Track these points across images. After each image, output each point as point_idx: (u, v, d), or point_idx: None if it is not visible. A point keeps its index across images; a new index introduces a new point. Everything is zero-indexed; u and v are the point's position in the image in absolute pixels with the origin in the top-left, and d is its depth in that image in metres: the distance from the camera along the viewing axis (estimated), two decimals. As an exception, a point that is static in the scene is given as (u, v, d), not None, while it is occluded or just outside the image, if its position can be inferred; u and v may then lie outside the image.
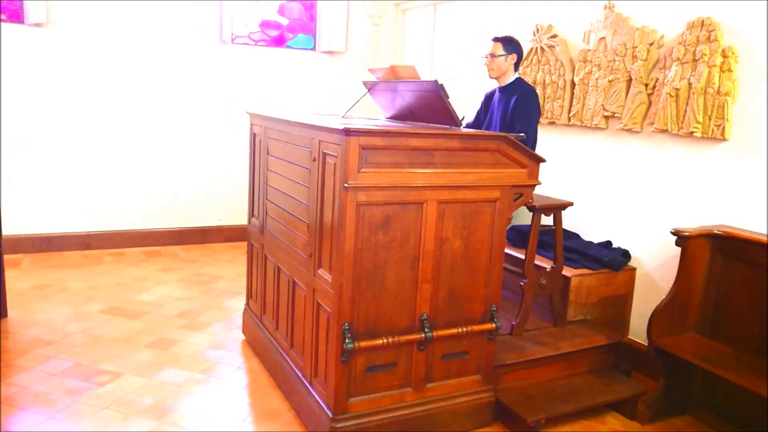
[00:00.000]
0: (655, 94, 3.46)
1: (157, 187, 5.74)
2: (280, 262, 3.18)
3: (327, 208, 2.56)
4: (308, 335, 2.81)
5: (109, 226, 5.60)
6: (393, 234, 2.50)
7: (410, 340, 2.62)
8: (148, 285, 4.71)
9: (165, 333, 3.83)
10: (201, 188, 5.92)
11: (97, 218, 5.54)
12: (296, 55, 6.27)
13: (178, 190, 5.83)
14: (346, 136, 2.33)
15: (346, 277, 2.45)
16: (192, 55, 5.70)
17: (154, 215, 5.77)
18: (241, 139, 5.75)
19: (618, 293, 3.60)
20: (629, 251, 3.66)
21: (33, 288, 4.51)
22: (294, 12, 6.27)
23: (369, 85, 3.41)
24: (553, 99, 4.15)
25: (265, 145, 3.38)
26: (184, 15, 5.60)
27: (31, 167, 5.24)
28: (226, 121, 5.88)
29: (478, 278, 2.75)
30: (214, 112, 5.87)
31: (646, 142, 3.57)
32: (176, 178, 5.81)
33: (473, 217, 2.67)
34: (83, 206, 5.47)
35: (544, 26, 4.21)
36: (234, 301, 4.43)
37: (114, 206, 5.59)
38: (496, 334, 2.87)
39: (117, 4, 5.32)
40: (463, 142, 2.58)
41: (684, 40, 3.25)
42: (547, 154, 3.50)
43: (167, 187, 5.78)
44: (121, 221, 5.64)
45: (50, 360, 3.38)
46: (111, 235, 5.60)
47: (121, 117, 5.50)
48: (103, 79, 5.38)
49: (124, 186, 5.60)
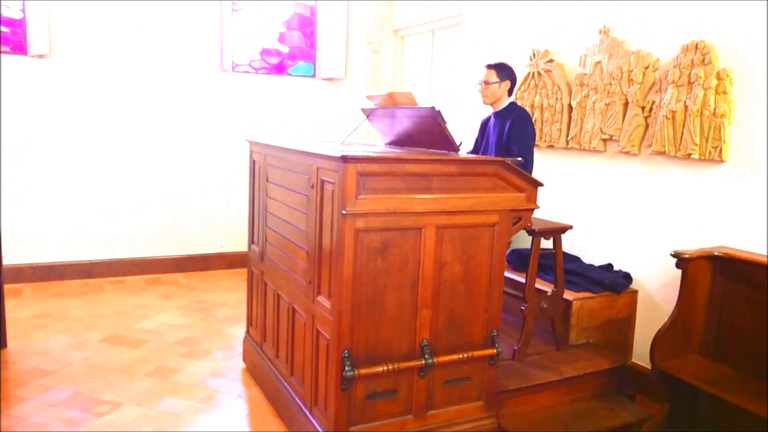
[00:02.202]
0: (652, 117, 3.48)
1: (158, 214, 5.76)
2: (280, 288, 3.17)
3: (325, 235, 2.56)
4: (308, 362, 2.79)
5: (110, 254, 5.61)
6: (392, 259, 2.50)
7: (411, 366, 2.60)
8: (148, 313, 4.70)
9: (165, 361, 3.81)
10: (202, 215, 5.94)
11: (98, 246, 5.55)
12: (296, 82, 6.33)
13: (179, 217, 5.85)
14: (344, 163, 2.34)
15: (345, 304, 2.44)
16: (193, 84, 5.76)
17: (155, 242, 5.77)
18: (242, 166, 5.78)
19: (620, 316, 3.57)
20: (630, 274, 3.65)
21: (33, 317, 4.49)
22: (294, 40, 6.35)
23: (367, 112, 3.44)
24: (551, 122, 4.18)
25: (264, 173, 3.40)
26: (185, 44, 5.68)
27: (32, 196, 5.27)
28: (226, 148, 5.92)
29: (478, 303, 2.73)
30: (214, 139, 5.91)
31: (644, 165, 3.58)
32: (177, 205, 5.83)
33: (472, 242, 2.66)
34: (84, 234, 5.48)
35: (540, 51, 4.26)
36: (235, 329, 4.41)
37: (115, 234, 5.60)
38: (497, 359, 2.84)
39: (119, 35, 5.40)
40: (460, 167, 2.59)
41: (679, 63, 3.28)
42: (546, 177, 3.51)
43: (168, 214, 5.80)
44: (122, 249, 5.65)
45: (49, 390, 3.36)
46: (112, 263, 5.60)
47: (123, 145, 5.54)
48: (105, 108, 5.44)
49: (125, 214, 5.61)
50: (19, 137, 5.18)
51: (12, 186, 5.18)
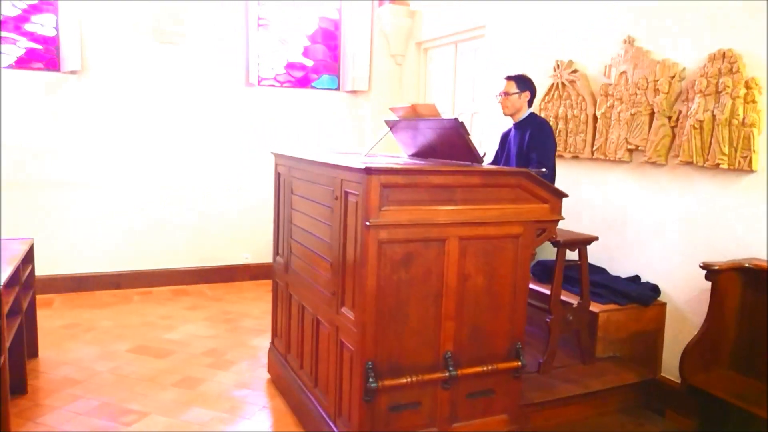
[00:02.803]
0: (679, 127, 3.44)
1: (185, 226, 5.84)
2: (304, 300, 3.19)
3: (349, 246, 2.58)
4: (332, 374, 2.80)
5: (137, 265, 5.70)
6: (415, 271, 2.50)
7: (434, 378, 2.59)
8: (174, 323, 4.76)
9: (191, 372, 3.85)
10: (228, 227, 6.01)
11: (127, 258, 5.65)
12: (321, 95, 6.40)
13: (205, 229, 5.93)
14: (367, 175, 2.35)
15: (368, 315, 2.45)
16: (219, 98, 5.86)
17: (181, 254, 5.86)
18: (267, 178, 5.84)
19: (648, 329, 3.52)
20: (658, 286, 3.59)
21: (63, 327, 4.59)
22: (318, 53, 6.42)
23: (391, 124, 3.46)
24: (576, 133, 4.15)
25: (289, 185, 3.44)
26: (212, 59, 5.78)
27: (64, 209, 5.39)
28: (251, 161, 5.99)
29: (502, 315, 2.72)
30: (240, 152, 5.99)
31: (671, 175, 3.54)
32: (203, 217, 5.91)
33: (496, 253, 2.65)
34: (113, 247, 5.59)
35: (564, 61, 4.25)
36: (259, 340, 4.44)
37: (143, 246, 5.69)
38: (522, 372, 2.82)
39: (148, 51, 5.52)
40: (484, 178, 2.59)
41: (706, 72, 3.24)
42: (571, 188, 3.49)
43: (194, 227, 5.88)
44: (150, 261, 5.74)
45: (78, 399, 3.42)
46: (139, 274, 5.69)
47: (151, 159, 5.65)
48: (133, 121, 5.56)
49: (152, 226, 5.71)
50: (52, 151, 5.31)
51: (44, 199, 5.31)
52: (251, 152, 6.00)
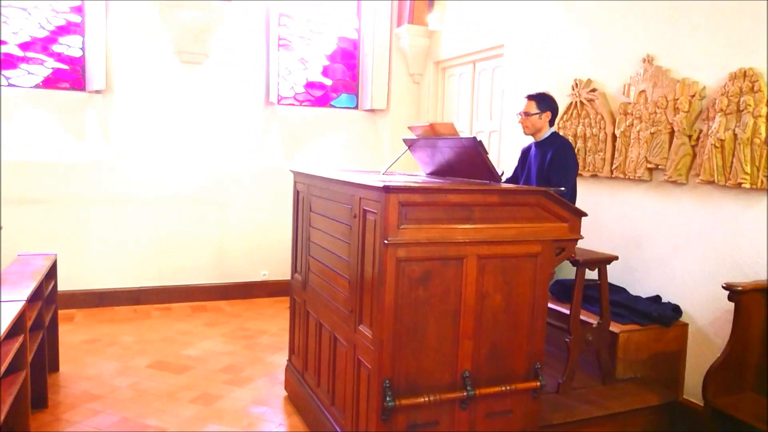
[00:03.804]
0: (700, 146, 3.41)
1: (204, 243, 5.90)
2: (322, 317, 3.20)
3: (367, 264, 2.59)
4: (349, 392, 2.79)
5: (157, 281, 5.76)
6: (433, 289, 2.50)
7: (452, 397, 2.57)
8: (193, 339, 4.79)
9: (209, 388, 3.87)
10: (246, 243, 6.05)
11: (147, 274, 5.71)
12: (339, 114, 6.46)
13: (223, 246, 5.98)
14: (386, 193, 2.37)
15: (386, 333, 2.44)
16: (239, 117, 5.94)
17: (200, 270, 5.91)
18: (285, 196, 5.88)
19: (669, 350, 3.46)
20: (679, 306, 3.54)
21: (84, 342, 4.64)
22: (338, 73, 6.50)
23: (409, 142, 3.48)
24: (595, 152, 4.14)
25: (307, 203, 3.46)
26: (233, 79, 5.87)
27: (86, 225, 5.48)
28: (271, 178, 6.04)
29: (520, 334, 2.70)
30: (259, 170, 6.05)
31: (692, 194, 3.50)
32: (222, 233, 5.96)
33: (514, 272, 2.64)
34: (134, 262, 5.66)
35: (583, 80, 4.25)
36: (277, 356, 4.45)
37: (163, 262, 5.76)
38: (541, 393, 2.79)
39: (171, 71, 5.63)
40: (502, 197, 2.59)
41: (727, 90, 3.23)
42: (591, 207, 3.47)
43: (213, 243, 5.94)
44: (169, 277, 5.80)
45: (98, 414, 3.44)
46: (159, 290, 5.75)
47: (172, 175, 5.73)
48: (155, 139, 5.65)
49: (172, 242, 5.77)
50: (76, 169, 5.41)
51: (68, 215, 5.40)
52: (270, 170, 6.05)
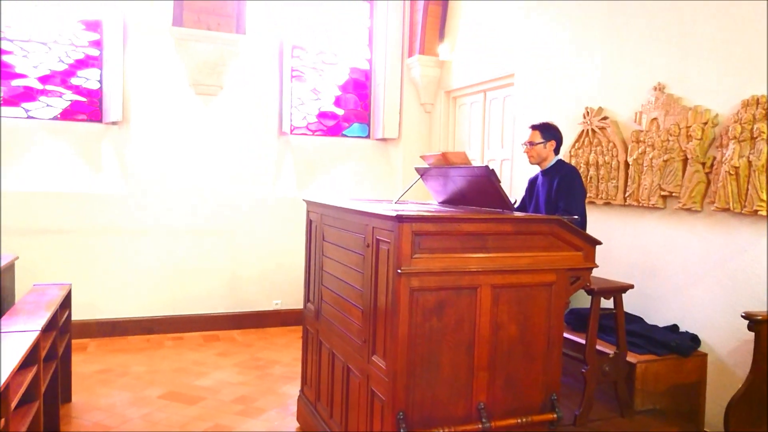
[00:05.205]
0: (714, 173, 3.39)
1: (217, 272, 5.91)
2: (335, 347, 3.18)
3: (381, 294, 2.57)
4: (362, 423, 2.75)
5: (170, 311, 5.77)
6: (447, 319, 2.48)
7: (467, 430, 2.52)
8: (206, 369, 4.77)
9: (221, 419, 3.83)
10: (259, 273, 6.06)
11: (159, 304, 5.73)
12: (351, 143, 6.52)
13: (236, 275, 5.99)
14: (399, 223, 2.37)
15: (400, 364, 2.42)
16: (253, 147, 6.01)
17: (212, 300, 5.91)
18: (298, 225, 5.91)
19: (689, 381, 3.39)
20: (698, 336, 3.48)
21: (97, 372, 4.63)
22: (350, 103, 6.57)
23: (421, 171, 3.49)
24: (608, 180, 4.13)
25: (320, 232, 3.47)
26: (247, 110, 5.96)
27: (100, 255, 5.52)
28: (283, 208, 6.08)
29: (536, 365, 2.66)
30: (272, 199, 6.09)
31: (707, 221, 3.47)
32: (235, 262, 5.98)
33: (529, 302, 2.62)
34: (147, 292, 5.68)
35: (594, 108, 4.26)
36: (289, 387, 4.41)
37: (175, 292, 5.77)
38: (557, 425, 2.73)
39: (186, 102, 5.72)
40: (515, 225, 2.58)
41: (740, 118, 3.22)
42: (604, 235, 3.44)
43: (226, 273, 5.95)
44: (182, 306, 5.80)
45: (110, 446, 3.42)
46: (172, 319, 5.75)
47: (185, 205, 5.78)
48: (170, 169, 5.72)
49: (184, 272, 5.79)
50: (91, 199, 5.48)
51: (82, 245, 5.45)
52: (283, 199, 6.09)
